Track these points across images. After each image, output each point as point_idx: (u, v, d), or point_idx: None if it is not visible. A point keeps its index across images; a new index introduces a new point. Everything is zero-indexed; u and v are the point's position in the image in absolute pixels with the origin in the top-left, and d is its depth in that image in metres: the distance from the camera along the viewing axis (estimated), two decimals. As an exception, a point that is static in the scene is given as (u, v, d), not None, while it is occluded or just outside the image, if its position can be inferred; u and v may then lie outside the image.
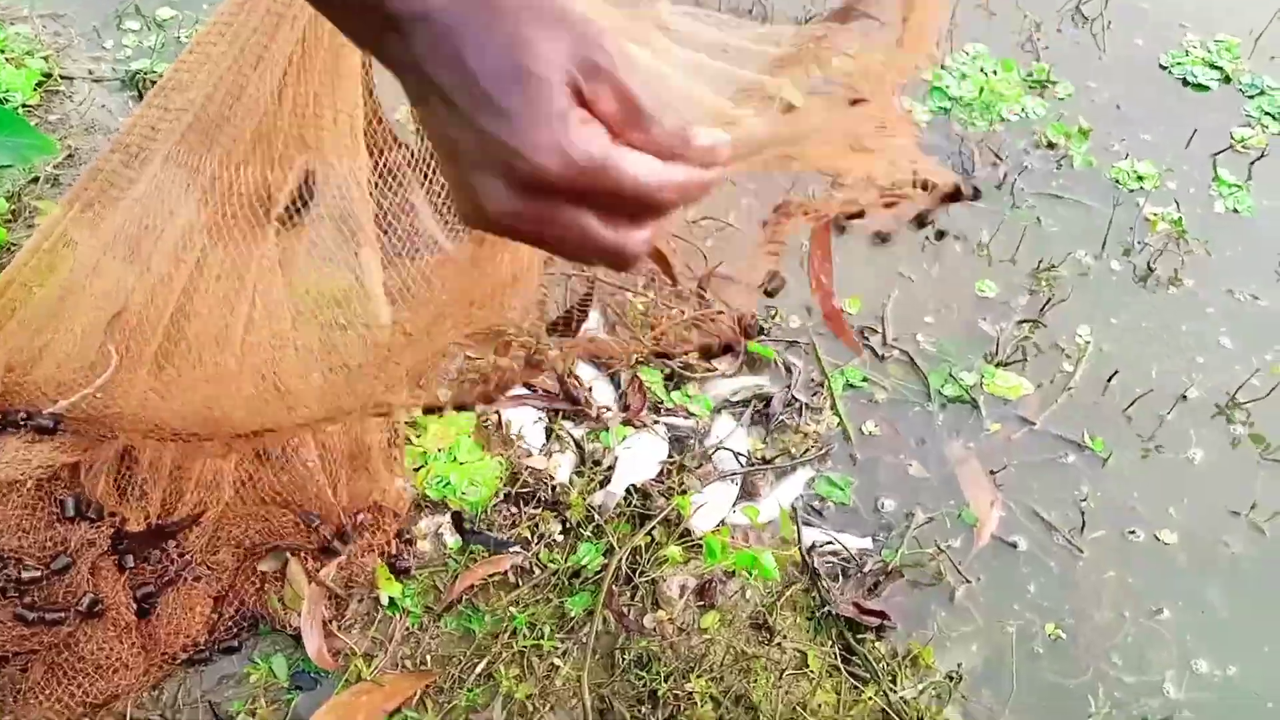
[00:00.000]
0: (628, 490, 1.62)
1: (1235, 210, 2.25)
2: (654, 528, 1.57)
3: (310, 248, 1.29)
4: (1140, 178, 2.28)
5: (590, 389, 1.76)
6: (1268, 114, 2.46)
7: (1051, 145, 2.33)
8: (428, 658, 1.42)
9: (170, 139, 1.25)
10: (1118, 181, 2.28)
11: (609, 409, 1.75)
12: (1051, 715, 1.49)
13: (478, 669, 1.41)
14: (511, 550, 1.52)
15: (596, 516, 1.57)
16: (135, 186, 1.30)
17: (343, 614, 1.44)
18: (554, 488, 1.60)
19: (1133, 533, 1.71)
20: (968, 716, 1.48)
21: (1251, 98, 2.50)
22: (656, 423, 1.74)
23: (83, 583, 1.29)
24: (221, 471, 1.46)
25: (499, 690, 1.40)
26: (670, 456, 1.70)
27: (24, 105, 2.02)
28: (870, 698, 1.45)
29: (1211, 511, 1.75)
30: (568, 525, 1.57)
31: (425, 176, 1.28)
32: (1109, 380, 1.90)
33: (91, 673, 1.29)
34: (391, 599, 1.45)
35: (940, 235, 2.09)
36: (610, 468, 1.64)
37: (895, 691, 1.46)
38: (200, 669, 1.39)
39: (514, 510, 1.58)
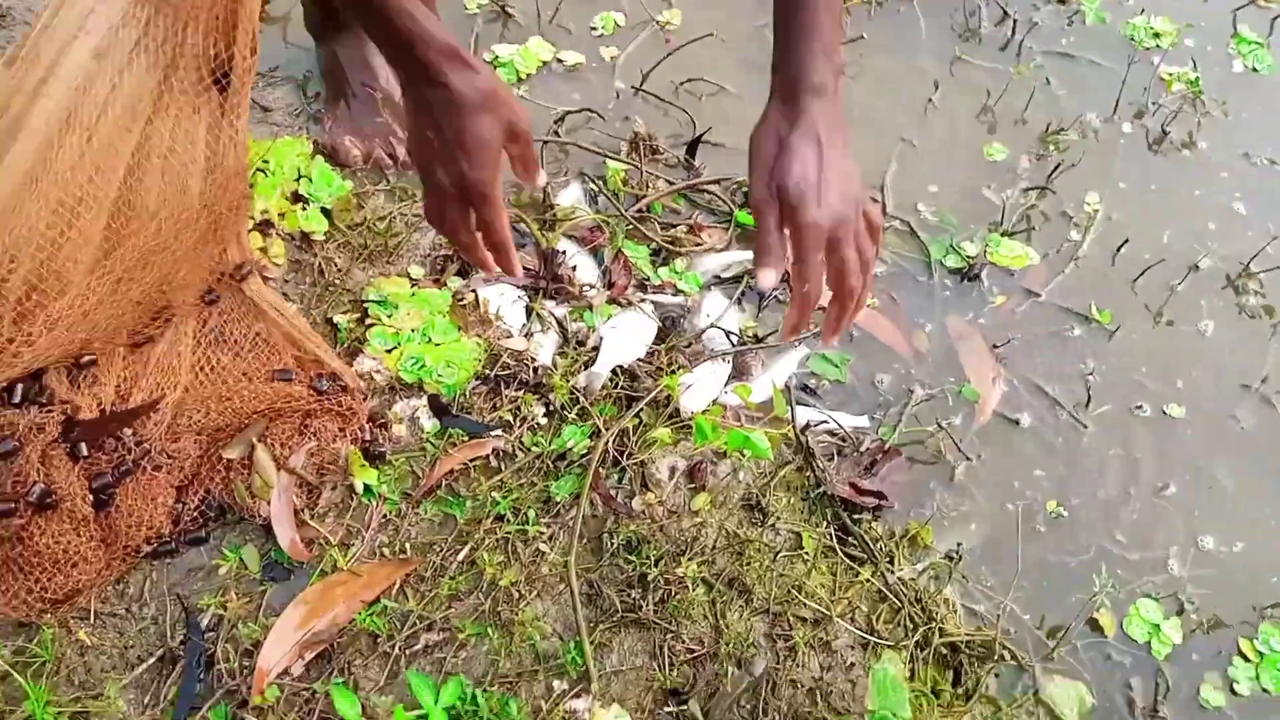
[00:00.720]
0: (614, 371, 1.54)
1: (1254, 69, 2.12)
2: (642, 409, 1.49)
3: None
4: (1156, 35, 2.14)
5: (574, 266, 1.66)
6: (1292, -35, 2.31)
7: (1063, 0, 2.18)
8: (407, 545, 1.36)
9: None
10: (1132, 39, 2.14)
11: (592, 286, 1.65)
12: (1053, 594, 1.45)
13: (460, 556, 1.35)
14: (492, 434, 1.44)
15: (581, 399, 1.49)
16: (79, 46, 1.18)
17: (315, 502, 1.36)
18: (536, 369, 1.52)
19: (1139, 408, 1.64)
20: (967, 597, 1.43)
21: (1276, -53, 2.34)
22: (643, 300, 1.65)
23: (32, 472, 1.21)
24: (180, 355, 1.37)
25: (483, 577, 1.34)
26: (658, 336, 1.61)
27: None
28: (867, 579, 1.40)
29: (1221, 385, 1.68)
30: (551, 408, 1.49)
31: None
32: (1118, 250, 1.80)
33: (49, 567, 1.22)
34: (367, 486, 1.38)
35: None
36: (595, 348, 1.56)
37: (892, 572, 1.41)
38: (166, 561, 1.32)
39: (494, 393, 1.49)
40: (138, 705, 1.23)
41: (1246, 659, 1.41)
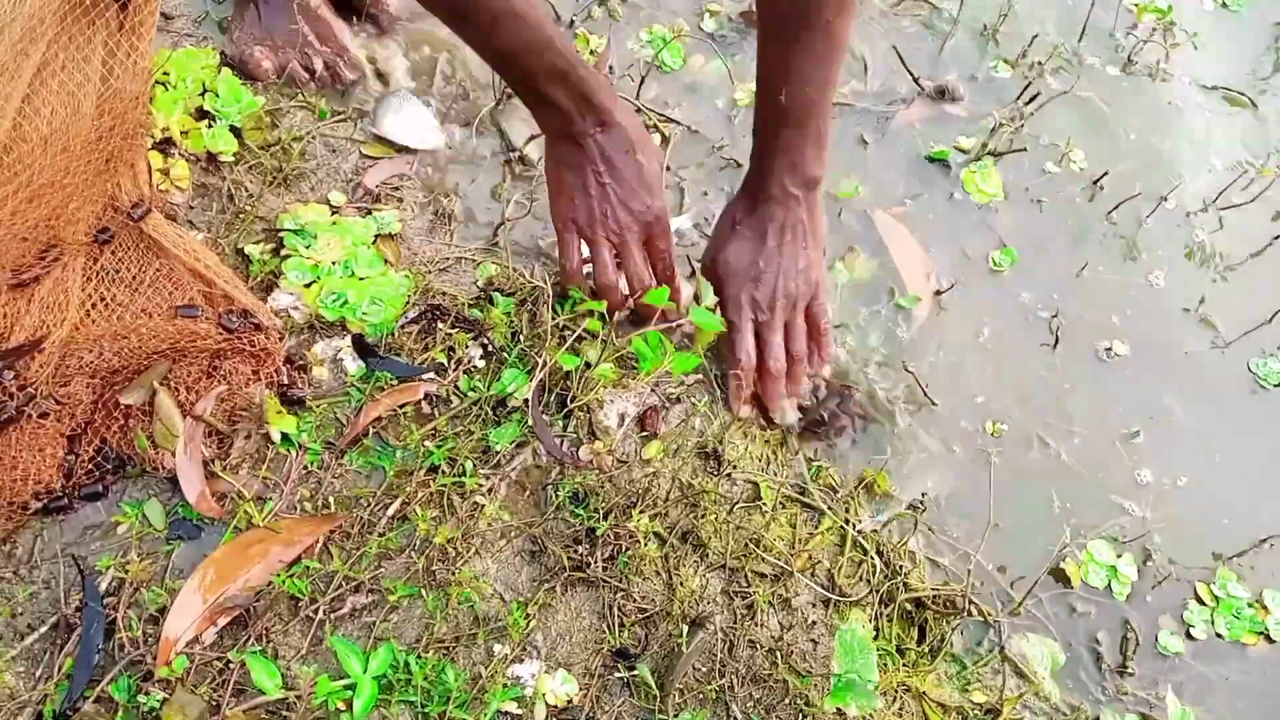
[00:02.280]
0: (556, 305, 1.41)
1: (1224, 5, 2.05)
2: (582, 333, 1.36)
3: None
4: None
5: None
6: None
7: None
8: (330, 500, 1.24)
9: None
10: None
11: (534, 215, 1.52)
12: (1016, 542, 1.39)
13: (390, 511, 1.24)
14: (424, 377, 1.32)
15: (521, 340, 1.37)
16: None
17: (226, 453, 1.23)
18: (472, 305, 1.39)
19: (1108, 350, 1.58)
20: (930, 548, 1.37)
21: None
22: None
23: (-105, 423, 1.06)
24: (68, 290, 1.22)
25: (415, 534, 1.23)
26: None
27: None
28: (825, 531, 1.32)
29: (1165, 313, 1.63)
30: (489, 349, 1.37)
31: None
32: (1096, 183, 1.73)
33: (-80, 527, 1.08)
34: (284, 434, 1.25)
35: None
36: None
37: (853, 524, 1.33)
38: (59, 519, 1.18)
39: (426, 332, 1.37)
40: (28, 678, 1.10)
41: (1203, 603, 1.37)
